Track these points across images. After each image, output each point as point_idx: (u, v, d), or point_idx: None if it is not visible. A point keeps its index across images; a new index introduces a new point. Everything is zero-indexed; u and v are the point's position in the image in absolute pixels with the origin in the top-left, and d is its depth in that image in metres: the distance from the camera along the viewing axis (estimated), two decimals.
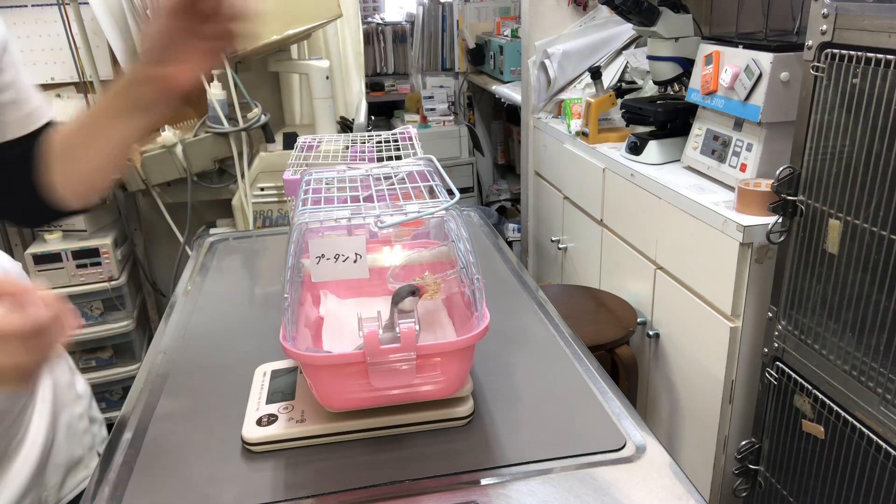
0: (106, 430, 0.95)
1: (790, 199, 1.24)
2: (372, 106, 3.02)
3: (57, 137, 0.81)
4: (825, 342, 1.20)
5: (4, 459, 0.79)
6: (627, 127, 2.00)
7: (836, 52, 1.11)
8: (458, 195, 0.74)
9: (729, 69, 1.52)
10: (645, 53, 1.91)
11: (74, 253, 2.06)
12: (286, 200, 1.94)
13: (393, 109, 3.83)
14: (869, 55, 1.04)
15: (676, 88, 1.91)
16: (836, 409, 1.18)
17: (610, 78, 2.23)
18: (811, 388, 1.23)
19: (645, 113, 1.81)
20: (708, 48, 1.61)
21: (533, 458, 0.69)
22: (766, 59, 1.43)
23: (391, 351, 0.65)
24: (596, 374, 0.84)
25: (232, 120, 1.97)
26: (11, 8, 2.05)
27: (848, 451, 1.17)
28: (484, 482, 0.66)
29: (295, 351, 0.66)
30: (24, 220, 1.20)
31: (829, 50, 1.12)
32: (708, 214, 1.44)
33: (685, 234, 1.54)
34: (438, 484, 0.66)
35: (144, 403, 0.82)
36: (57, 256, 2.05)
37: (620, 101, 1.96)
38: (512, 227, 3.41)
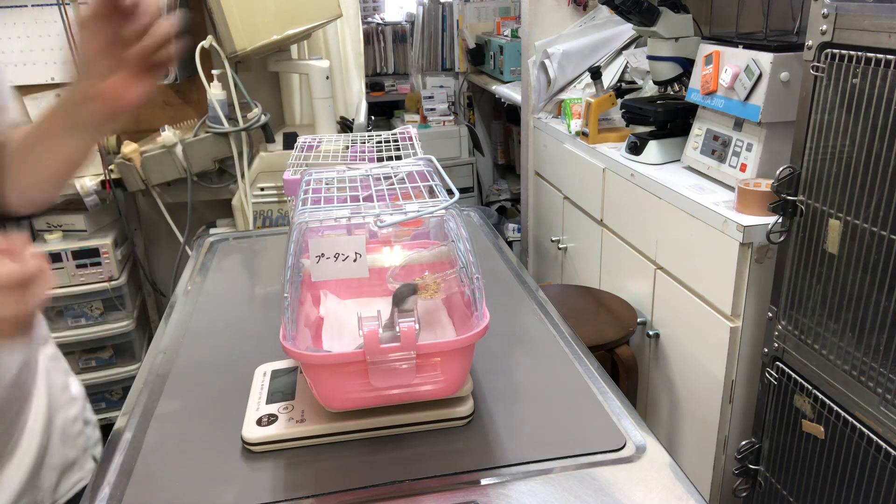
0: (100, 431, 0.95)
1: (790, 199, 1.24)
2: (372, 106, 3.03)
3: (11, 143, 0.79)
4: (825, 342, 1.20)
5: (1, 462, 0.79)
6: (627, 127, 2.00)
7: (836, 52, 1.11)
8: (457, 195, 0.74)
9: (729, 69, 1.52)
10: (645, 53, 1.91)
11: (74, 253, 2.06)
12: (286, 200, 1.94)
13: (393, 109, 3.83)
14: (869, 55, 1.04)
15: (676, 88, 1.91)
16: (836, 409, 1.18)
17: (610, 78, 2.23)
18: (811, 388, 1.23)
19: (645, 113, 1.81)
20: (708, 48, 1.61)
21: (533, 458, 0.69)
22: (766, 59, 1.43)
23: (391, 350, 0.65)
24: (596, 374, 0.84)
25: (232, 120, 1.97)
26: (11, 8, 2.05)
27: (848, 451, 1.17)
28: (484, 482, 0.66)
29: (295, 351, 0.66)
30: None
31: (829, 50, 1.12)
32: (708, 214, 1.44)
33: (685, 234, 1.54)
34: (438, 484, 0.66)
35: (144, 403, 0.82)
36: (57, 256, 2.05)
37: (620, 101, 1.96)
38: (512, 227, 3.41)
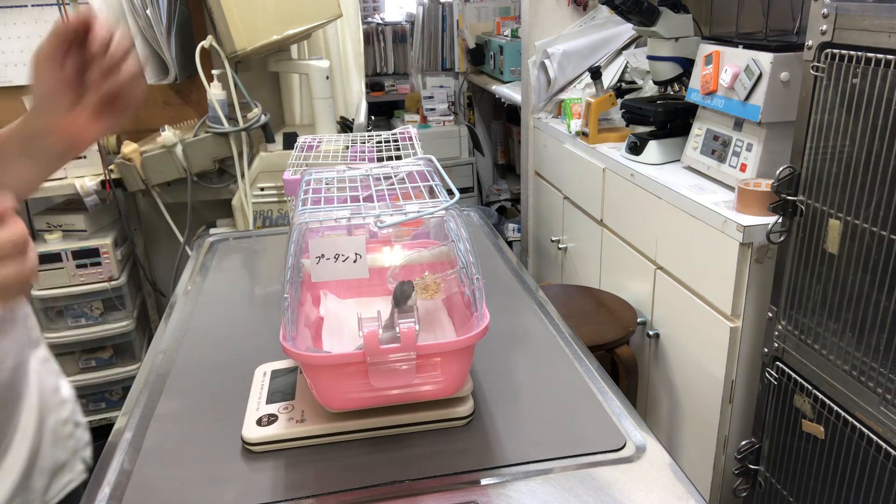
0: (89, 433, 0.95)
1: (790, 199, 1.24)
2: (372, 106, 3.03)
3: None
4: (825, 342, 1.20)
5: None
6: (627, 127, 2.00)
7: (836, 52, 1.11)
8: (457, 195, 0.74)
9: (729, 69, 1.52)
10: (645, 53, 1.91)
11: (74, 253, 2.06)
12: (286, 200, 1.94)
13: (393, 109, 3.83)
14: (869, 55, 1.04)
15: (676, 88, 1.91)
16: (836, 409, 1.18)
17: (610, 78, 2.23)
18: (811, 388, 1.23)
19: (645, 113, 1.81)
20: (708, 48, 1.61)
21: (533, 458, 0.69)
22: (766, 59, 1.43)
23: (391, 351, 0.65)
24: (596, 374, 0.84)
25: (232, 120, 1.97)
26: (11, 8, 2.05)
27: (848, 451, 1.17)
28: (484, 482, 0.66)
29: (295, 351, 0.66)
30: None
31: (829, 50, 1.12)
32: (708, 214, 1.44)
33: (685, 234, 1.54)
34: (438, 484, 0.66)
35: (144, 403, 0.82)
36: (57, 256, 2.05)
37: (620, 101, 1.96)
38: (512, 227, 3.41)
